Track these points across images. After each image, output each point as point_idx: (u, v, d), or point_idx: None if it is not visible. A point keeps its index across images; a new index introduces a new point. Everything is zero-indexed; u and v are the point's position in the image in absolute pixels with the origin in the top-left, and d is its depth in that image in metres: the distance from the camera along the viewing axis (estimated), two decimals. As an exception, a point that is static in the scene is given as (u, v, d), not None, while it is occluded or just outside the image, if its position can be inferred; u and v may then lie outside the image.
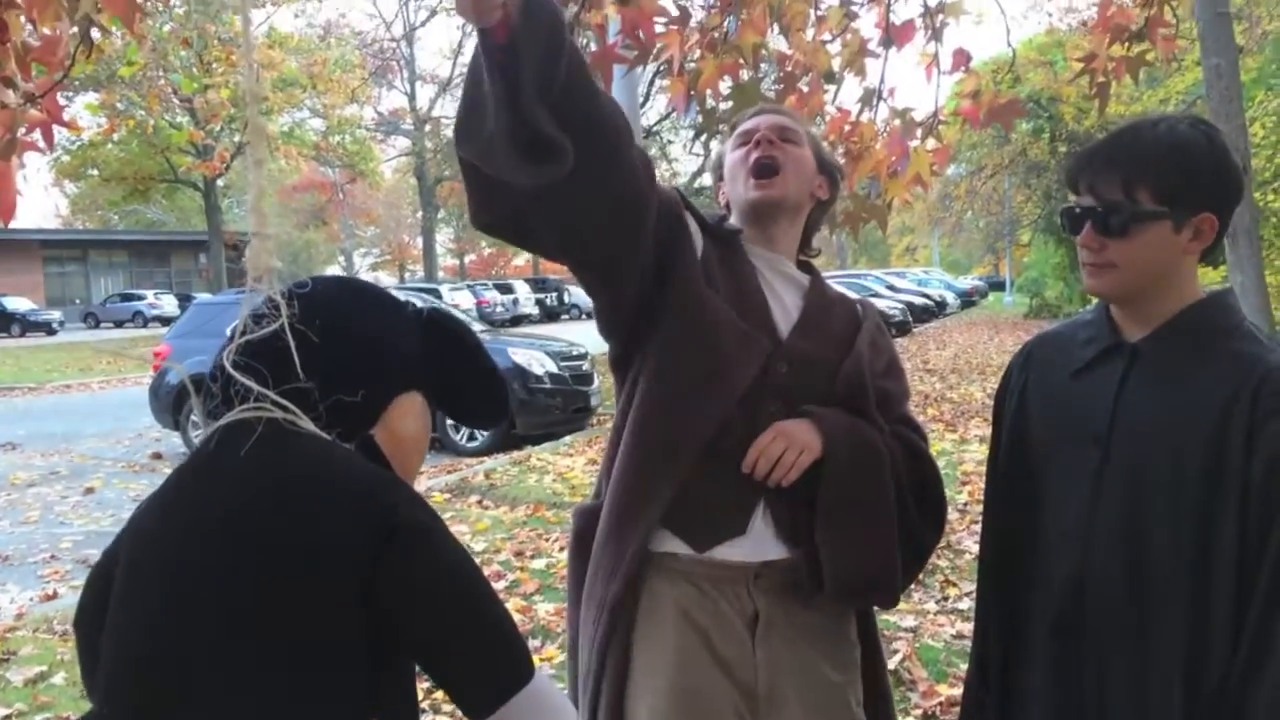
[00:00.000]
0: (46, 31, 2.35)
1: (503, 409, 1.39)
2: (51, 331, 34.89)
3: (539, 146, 1.40)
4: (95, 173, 38.38)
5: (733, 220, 1.92)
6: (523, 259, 58.49)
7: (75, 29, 2.34)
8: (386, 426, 1.19)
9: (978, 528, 5.93)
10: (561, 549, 6.11)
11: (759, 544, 1.72)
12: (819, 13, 3.03)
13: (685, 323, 1.74)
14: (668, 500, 1.71)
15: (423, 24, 39.41)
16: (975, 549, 5.55)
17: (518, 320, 34.36)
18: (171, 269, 46.49)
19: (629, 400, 1.81)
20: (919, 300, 31.16)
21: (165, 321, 32.18)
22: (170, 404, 10.37)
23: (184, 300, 31.53)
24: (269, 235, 1.09)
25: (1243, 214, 5.83)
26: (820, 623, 1.78)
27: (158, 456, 10.52)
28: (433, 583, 1.08)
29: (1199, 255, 1.52)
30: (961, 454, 8.52)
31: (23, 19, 2.36)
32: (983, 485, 6.87)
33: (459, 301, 27.69)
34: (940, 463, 1.93)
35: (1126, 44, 2.91)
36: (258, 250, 1.10)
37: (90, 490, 8.74)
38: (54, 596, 5.60)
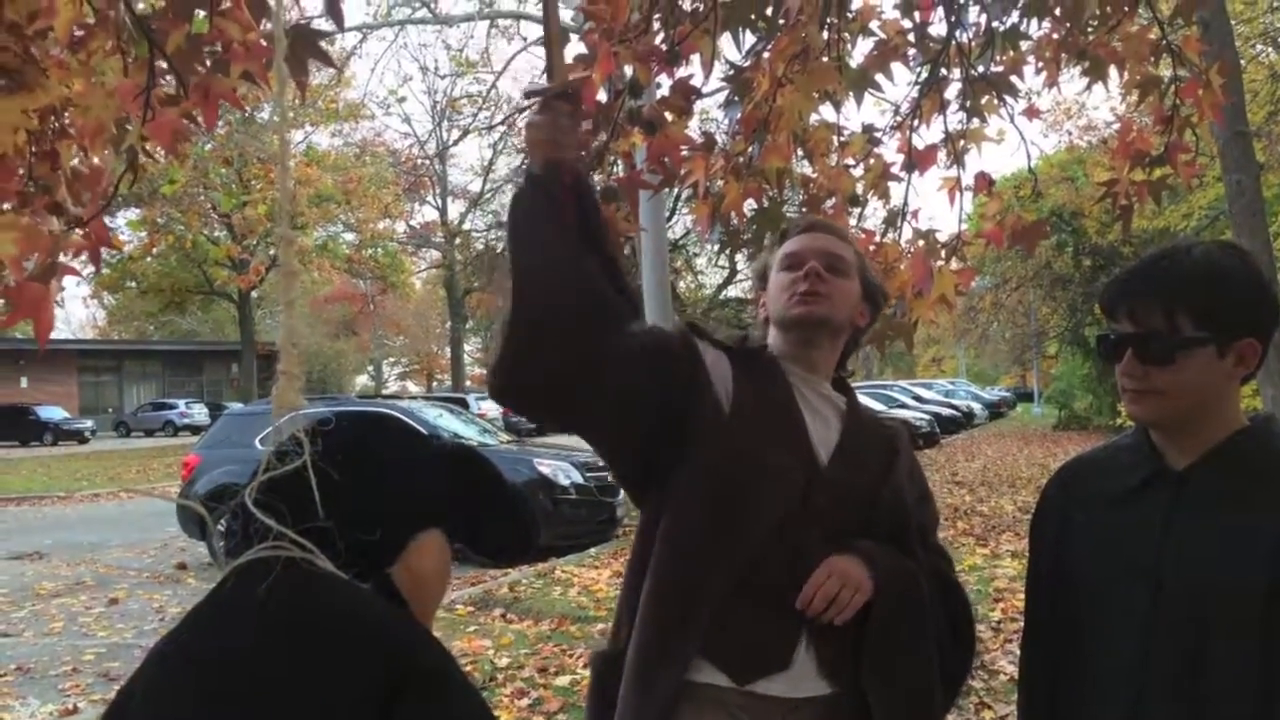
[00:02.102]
0: (95, 160, 2.44)
1: (527, 545, 1.37)
2: (83, 440, 35.21)
3: (604, 308, 1.58)
4: (133, 285, 39.33)
5: (771, 337, 1.92)
6: (549, 369, 58.75)
7: (122, 156, 2.43)
8: (405, 565, 1.18)
9: (1011, 647, 5.82)
10: (585, 665, 6.00)
11: (801, 679, 1.69)
12: (842, 139, 3.09)
13: (708, 461, 1.72)
14: (698, 647, 1.68)
15: (455, 143, 40.38)
16: (1010, 669, 5.41)
17: (543, 429, 34.35)
18: (204, 378, 47.11)
19: (648, 538, 1.78)
20: (946, 411, 30.95)
21: (196, 430, 32.47)
22: (197, 514, 10.37)
23: (215, 409, 31.83)
24: (297, 374, 1.11)
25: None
26: None
27: (182, 567, 10.49)
28: None
29: (1241, 380, 1.51)
30: (993, 569, 8.34)
31: (73, 147, 2.46)
32: (1015, 602, 6.71)
33: (486, 410, 27.75)
34: (971, 579, 1.91)
35: (1148, 169, 2.95)
36: (284, 388, 1.11)
37: (114, 601, 8.71)
38: (74, 711, 5.52)
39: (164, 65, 2.25)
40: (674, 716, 1.69)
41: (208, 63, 2.25)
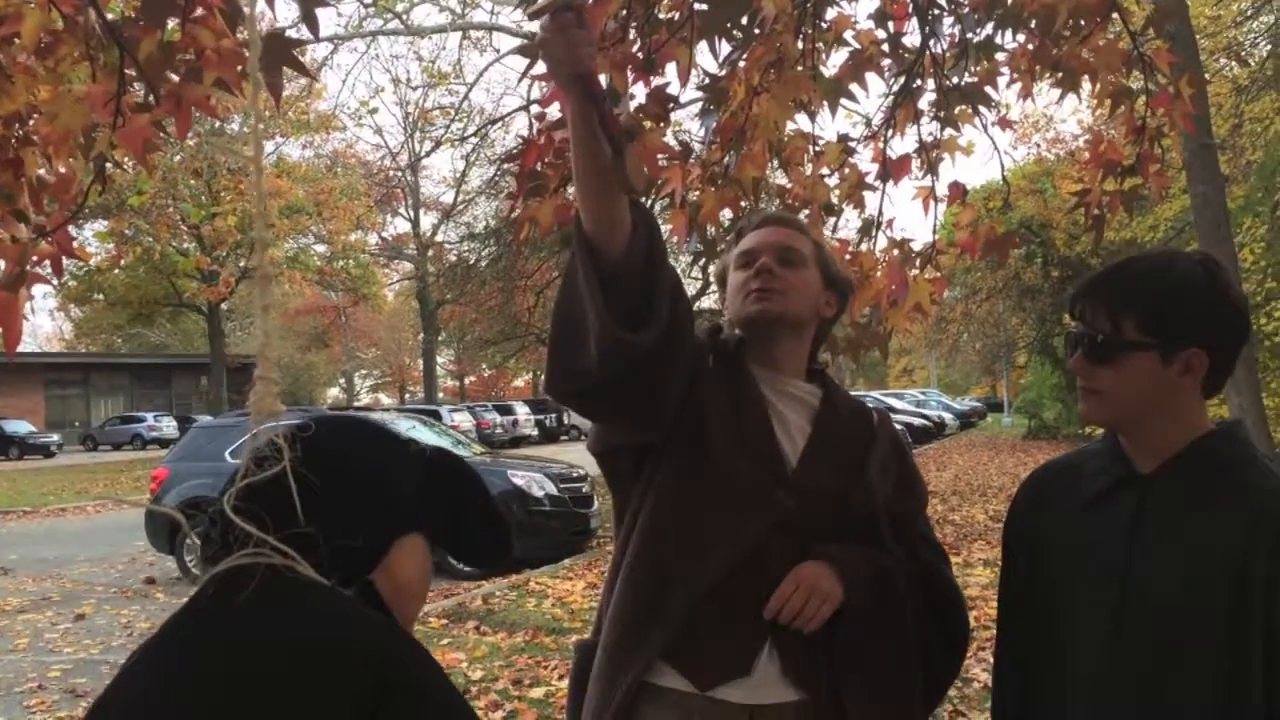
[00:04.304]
0: (61, 169, 2.40)
1: (505, 549, 1.36)
2: (49, 454, 34.77)
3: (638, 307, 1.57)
4: (101, 297, 38.92)
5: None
6: (522, 380, 58.69)
7: (90, 164, 2.39)
8: (387, 571, 1.16)
9: (985, 654, 5.83)
10: (561, 677, 5.96)
11: (761, 686, 1.67)
12: (817, 148, 3.10)
13: (680, 465, 1.72)
14: (661, 643, 1.68)
15: (427, 154, 40.29)
16: (983, 677, 5.43)
17: (517, 441, 34.28)
18: (172, 391, 46.63)
19: (629, 533, 1.78)
20: (918, 421, 31.13)
21: (164, 444, 32.12)
22: (166, 528, 10.24)
23: (184, 422, 31.52)
24: (275, 379, 1.09)
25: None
26: None
27: (151, 582, 10.35)
28: None
29: (1200, 388, 1.52)
30: (966, 578, 8.38)
31: (38, 155, 2.42)
32: (989, 610, 6.76)
33: (459, 423, 27.69)
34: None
35: (1119, 179, 2.97)
36: (262, 394, 1.09)
37: (81, 616, 8.58)
38: (38, 729, 5.44)
39: (133, 73, 2.23)
40: (634, 717, 1.68)
41: (180, 70, 2.23)
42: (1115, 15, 2.86)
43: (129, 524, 13.74)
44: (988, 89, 3.03)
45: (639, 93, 2.64)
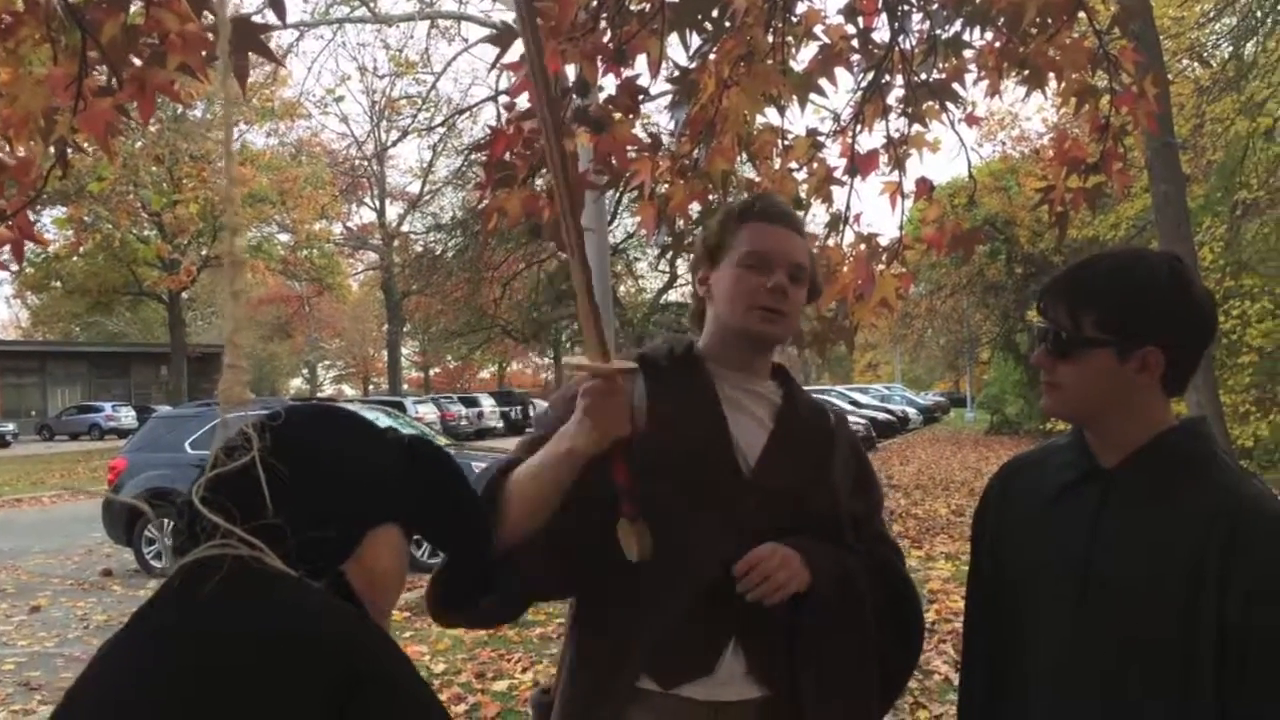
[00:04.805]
0: (21, 151, 2.36)
1: (487, 539, 1.35)
2: (4, 444, 34.22)
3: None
4: (59, 285, 38.32)
5: (711, 332, 1.85)
6: (487, 372, 58.53)
7: (51, 149, 2.35)
8: (360, 562, 1.15)
9: (945, 647, 5.90)
10: (524, 670, 5.96)
11: (724, 684, 1.68)
12: (786, 142, 3.11)
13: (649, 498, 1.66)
14: (632, 681, 1.70)
15: (394, 144, 40.00)
16: (944, 669, 5.48)
17: (482, 434, 34.16)
18: (131, 381, 46.00)
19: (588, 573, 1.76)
20: (882, 416, 31.35)
21: (123, 434, 31.68)
22: (124, 519, 10.11)
23: (143, 412, 31.11)
24: (244, 367, 1.07)
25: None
26: None
27: (108, 574, 10.22)
28: None
29: (1159, 386, 1.54)
30: (928, 571, 8.46)
31: (-2, 138, 2.37)
32: (950, 603, 6.82)
33: (423, 414, 27.53)
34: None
35: (1083, 176, 3.01)
36: (230, 382, 1.08)
37: (36, 609, 8.45)
38: (-8, 723, 5.36)
39: (96, 55, 2.19)
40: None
41: (144, 54, 2.19)
42: (1081, 14, 2.89)
43: (86, 515, 13.56)
44: (955, 86, 3.05)
45: (609, 84, 2.64)
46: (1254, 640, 1.37)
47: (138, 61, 2.18)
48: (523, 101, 2.55)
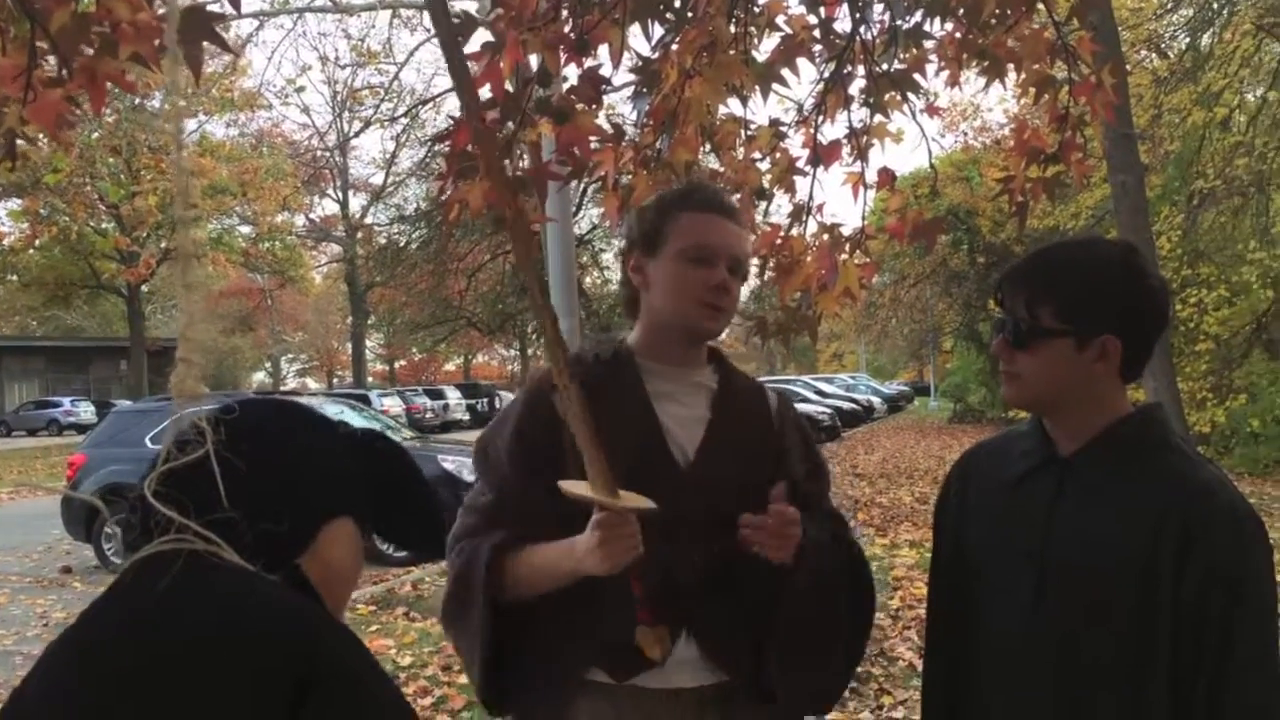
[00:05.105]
0: (-30, 143, 2.31)
1: (440, 532, 1.35)
2: (-41, 440, 33.67)
3: None
4: (14, 278, 37.67)
5: (647, 325, 1.82)
6: (453, 365, 58.25)
7: (1, 137, 2.30)
8: (316, 555, 1.14)
9: (910, 634, 5.95)
10: (492, 664, 5.93)
11: (679, 671, 1.69)
12: (749, 132, 3.10)
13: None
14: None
15: (356, 135, 39.66)
16: (909, 655, 5.53)
17: (448, 426, 34.00)
18: (90, 376, 45.39)
19: None
20: (847, 405, 31.52)
21: (82, 429, 31.22)
22: (83, 515, 9.97)
23: (102, 407, 30.68)
24: (197, 361, 1.06)
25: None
26: None
27: (68, 571, 10.08)
28: None
29: (1116, 374, 1.55)
30: (892, 559, 8.53)
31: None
32: (914, 590, 6.89)
33: (388, 407, 27.36)
34: (871, 568, 1.92)
35: (1042, 166, 3.03)
36: (183, 376, 1.06)
37: (-7, 607, 8.34)
38: (-52, 724, 5.26)
39: (45, 45, 2.14)
40: (569, 710, 1.70)
41: (95, 44, 2.15)
42: (1040, 5, 2.91)
43: (45, 512, 13.34)
44: (916, 76, 3.06)
45: (571, 74, 2.62)
46: (1209, 624, 1.40)
47: (89, 51, 2.14)
48: (484, 92, 2.53)
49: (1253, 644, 1.40)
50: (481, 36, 2.42)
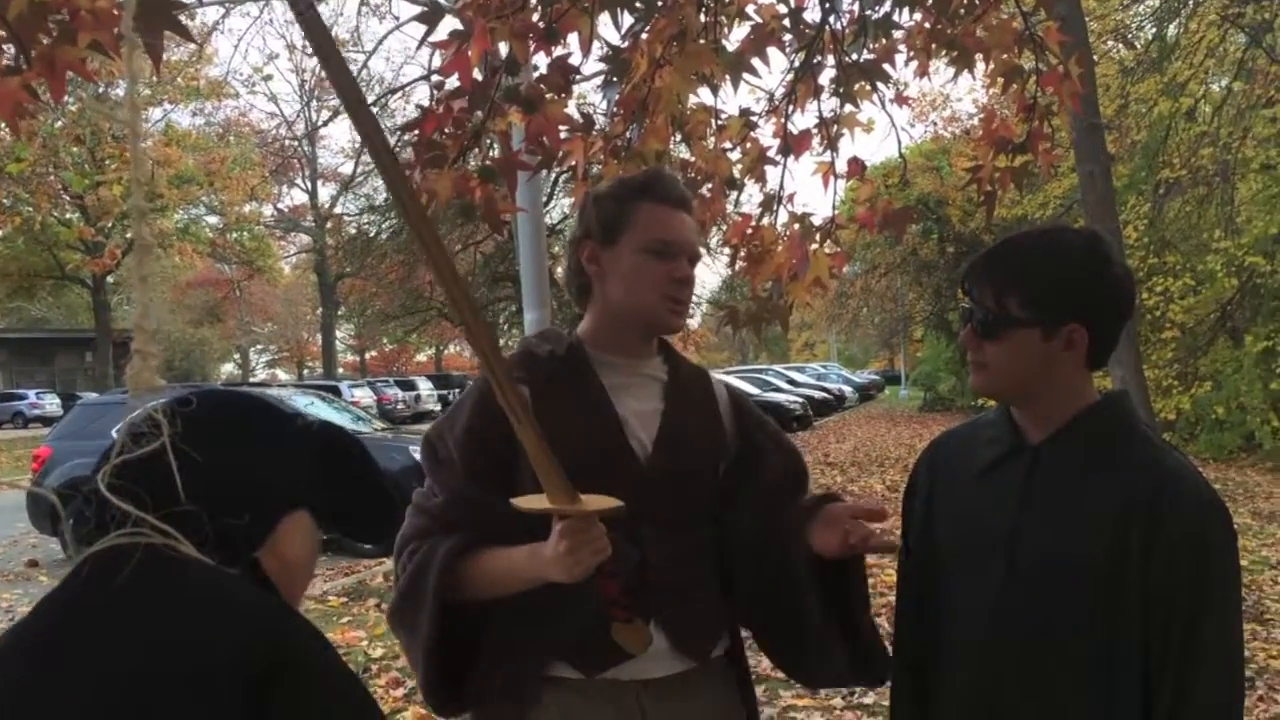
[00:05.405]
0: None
1: (392, 527, 1.34)
2: (-77, 434, 33.16)
3: None
4: (-24, 269, 37.08)
5: (600, 315, 1.79)
6: (424, 355, 57.99)
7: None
8: (273, 549, 1.13)
9: (881, 620, 5.96)
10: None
11: (649, 661, 1.68)
12: (720, 122, 3.10)
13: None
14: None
15: (325, 124, 39.31)
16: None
17: (420, 417, 33.83)
18: (55, 368, 44.80)
19: None
20: (818, 394, 31.68)
21: (47, 422, 30.81)
22: (49, 509, 9.83)
23: (68, 400, 30.29)
24: (153, 353, 1.04)
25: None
26: None
27: (34, 564, 9.96)
28: None
29: (1083, 362, 1.56)
30: (865, 548, 8.57)
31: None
32: (885, 576, 6.93)
33: (359, 398, 27.17)
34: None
35: (1010, 155, 3.05)
36: (140, 368, 1.04)
37: (-44, 603, 8.22)
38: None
39: (3, 33, 2.10)
40: (533, 705, 1.68)
41: (53, 31, 2.11)
42: (1008, -5, 2.93)
43: (10, 505, 13.15)
44: (886, 66, 3.07)
45: (540, 63, 2.61)
46: (1175, 610, 1.41)
47: (47, 39, 2.10)
48: (453, 81, 2.50)
49: (1216, 633, 1.41)
50: (449, 24, 2.41)
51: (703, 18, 2.87)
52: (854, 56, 3.08)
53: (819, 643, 1.78)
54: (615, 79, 2.83)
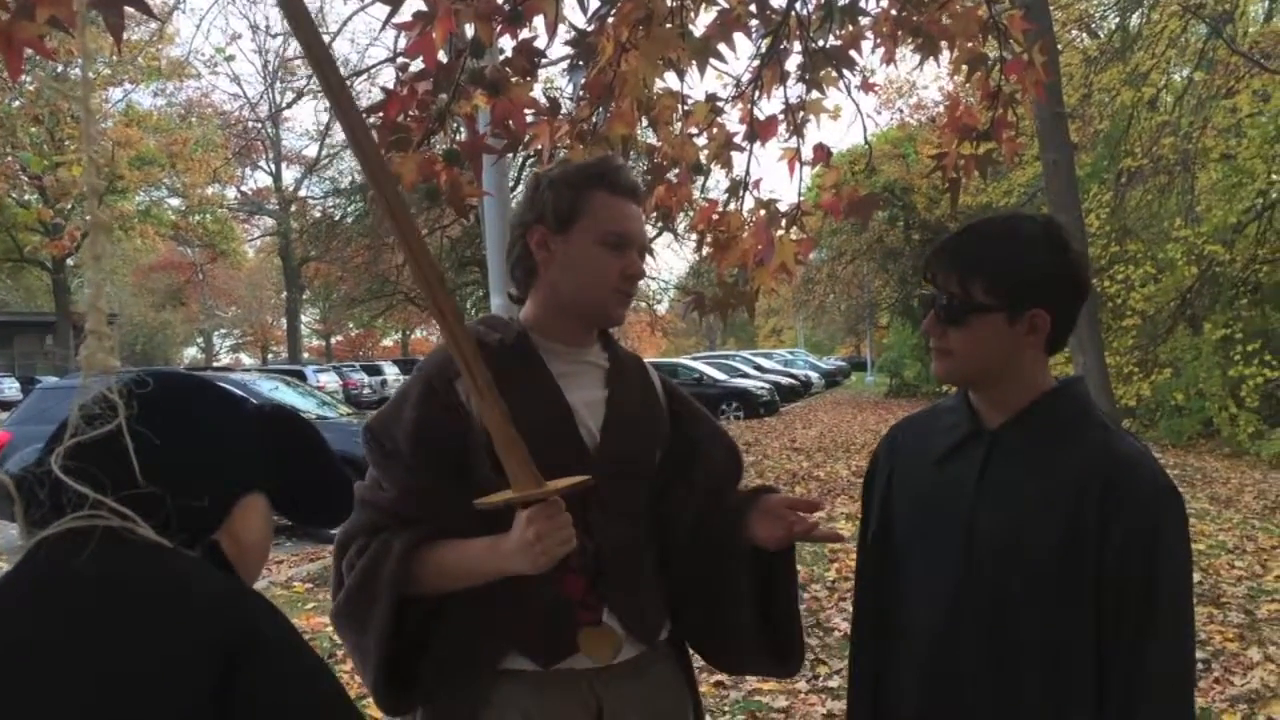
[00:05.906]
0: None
1: (344, 511, 1.34)
2: (-123, 419, 32.53)
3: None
4: (-68, 251, 36.37)
5: (546, 301, 1.77)
6: (390, 340, 57.61)
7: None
8: (230, 531, 1.13)
9: (845, 605, 6.03)
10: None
11: None
12: (686, 107, 3.10)
13: (484, 481, 1.62)
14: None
15: (289, 105, 38.94)
16: (844, 626, 5.62)
17: (385, 402, 33.62)
18: (15, 351, 44.04)
19: None
20: (785, 380, 31.82)
21: (6, 406, 30.36)
22: (6, 494, 9.70)
23: (27, 384, 29.84)
24: (107, 333, 1.03)
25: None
26: (666, 707, 1.79)
27: (-8, 552, 9.83)
28: (286, 702, 1.01)
29: (1043, 347, 1.59)
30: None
31: None
32: (850, 562, 6.99)
33: (325, 383, 26.95)
34: (808, 542, 1.94)
35: (975, 143, 3.07)
36: (94, 349, 1.03)
37: (-87, 592, 8.09)
38: None
39: (-42, 7, 2.06)
40: (489, 700, 1.67)
41: (10, 7, 2.07)
42: (973, -17, 2.94)
43: (-33, 491, 12.98)
44: (852, 53, 3.08)
45: (506, 45, 2.59)
46: (1130, 586, 1.44)
47: (4, 15, 2.07)
48: (417, 63, 2.49)
49: (1169, 611, 1.44)
50: (414, 5, 2.38)
51: (669, 2, 2.86)
52: (820, 43, 3.09)
53: (748, 632, 1.81)
54: (581, 63, 2.82)
